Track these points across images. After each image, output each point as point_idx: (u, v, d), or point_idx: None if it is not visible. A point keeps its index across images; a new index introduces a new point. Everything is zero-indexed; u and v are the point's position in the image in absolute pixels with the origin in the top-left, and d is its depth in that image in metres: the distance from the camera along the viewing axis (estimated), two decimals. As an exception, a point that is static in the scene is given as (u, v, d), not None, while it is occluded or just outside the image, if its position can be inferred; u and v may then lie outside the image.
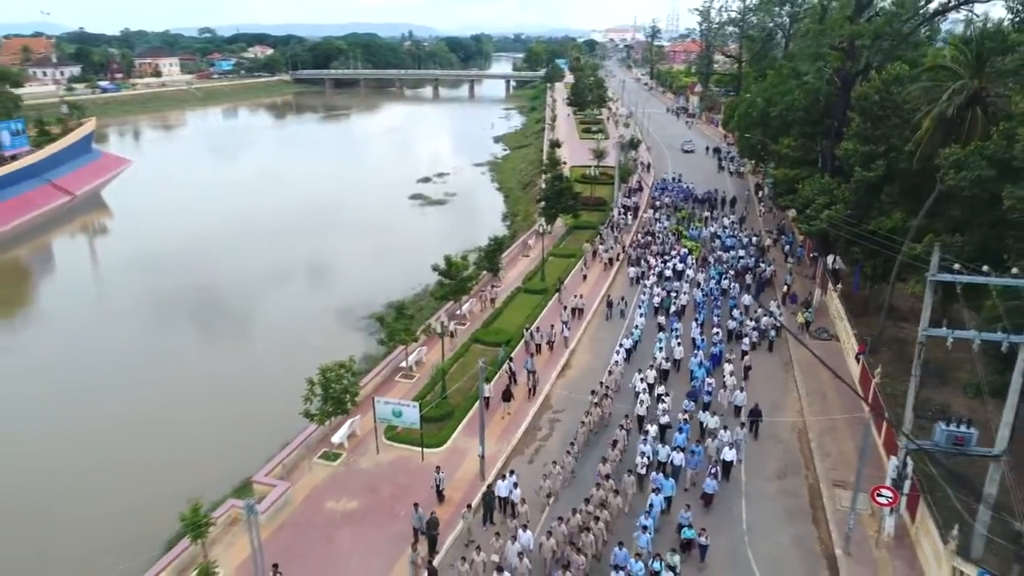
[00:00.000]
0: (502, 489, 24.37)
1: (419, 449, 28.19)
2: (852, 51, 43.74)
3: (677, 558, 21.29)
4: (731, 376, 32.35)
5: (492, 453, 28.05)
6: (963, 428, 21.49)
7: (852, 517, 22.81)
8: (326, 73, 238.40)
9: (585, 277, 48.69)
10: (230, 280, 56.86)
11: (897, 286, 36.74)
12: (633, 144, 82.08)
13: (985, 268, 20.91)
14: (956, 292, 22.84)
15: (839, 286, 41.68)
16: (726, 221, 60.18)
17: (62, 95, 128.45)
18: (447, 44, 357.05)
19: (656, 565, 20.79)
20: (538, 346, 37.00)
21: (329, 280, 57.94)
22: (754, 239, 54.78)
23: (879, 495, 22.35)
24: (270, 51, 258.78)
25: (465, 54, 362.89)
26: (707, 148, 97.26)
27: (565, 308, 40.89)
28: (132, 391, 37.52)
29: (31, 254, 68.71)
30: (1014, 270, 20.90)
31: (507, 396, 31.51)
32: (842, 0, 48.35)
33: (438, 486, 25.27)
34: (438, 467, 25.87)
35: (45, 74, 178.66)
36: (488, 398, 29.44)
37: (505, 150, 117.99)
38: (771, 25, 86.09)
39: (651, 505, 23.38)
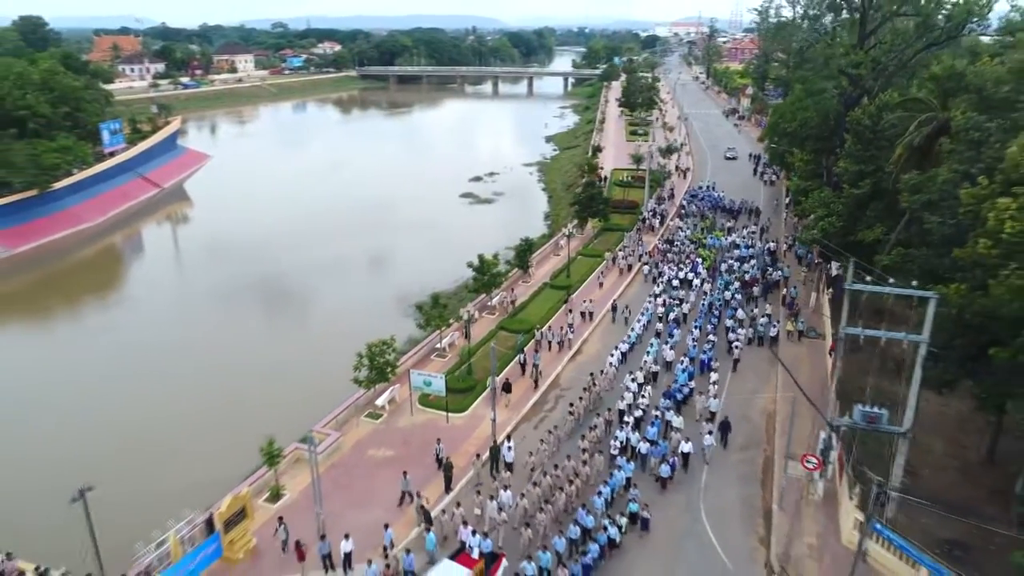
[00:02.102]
0: (505, 453, 30.35)
1: (445, 413, 34.60)
2: (853, 76, 47.82)
3: (625, 520, 26.52)
4: (713, 385, 35.61)
5: (504, 419, 34.22)
6: (876, 409, 26.55)
7: (784, 479, 28.14)
8: (390, 70, 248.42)
9: (601, 284, 52.92)
10: (296, 268, 64.19)
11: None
12: (669, 150, 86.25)
13: (891, 281, 25.79)
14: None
15: (830, 290, 46.09)
16: (745, 232, 63.51)
17: (151, 95, 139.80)
18: (509, 39, 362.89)
19: (606, 522, 26.07)
20: (549, 343, 42.29)
21: (383, 270, 65.07)
22: (770, 246, 58.76)
23: (807, 462, 27.66)
24: (338, 47, 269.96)
25: (527, 49, 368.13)
26: (749, 155, 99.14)
27: (571, 312, 46.35)
28: (213, 364, 45.09)
29: (125, 240, 78.23)
30: (914, 283, 25.67)
31: (507, 388, 36.88)
32: (849, 28, 52.24)
33: (437, 455, 30.73)
34: (438, 439, 31.27)
35: (133, 71, 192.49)
36: (494, 389, 34.10)
37: (555, 150, 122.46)
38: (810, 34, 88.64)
39: (612, 476, 28.78)
